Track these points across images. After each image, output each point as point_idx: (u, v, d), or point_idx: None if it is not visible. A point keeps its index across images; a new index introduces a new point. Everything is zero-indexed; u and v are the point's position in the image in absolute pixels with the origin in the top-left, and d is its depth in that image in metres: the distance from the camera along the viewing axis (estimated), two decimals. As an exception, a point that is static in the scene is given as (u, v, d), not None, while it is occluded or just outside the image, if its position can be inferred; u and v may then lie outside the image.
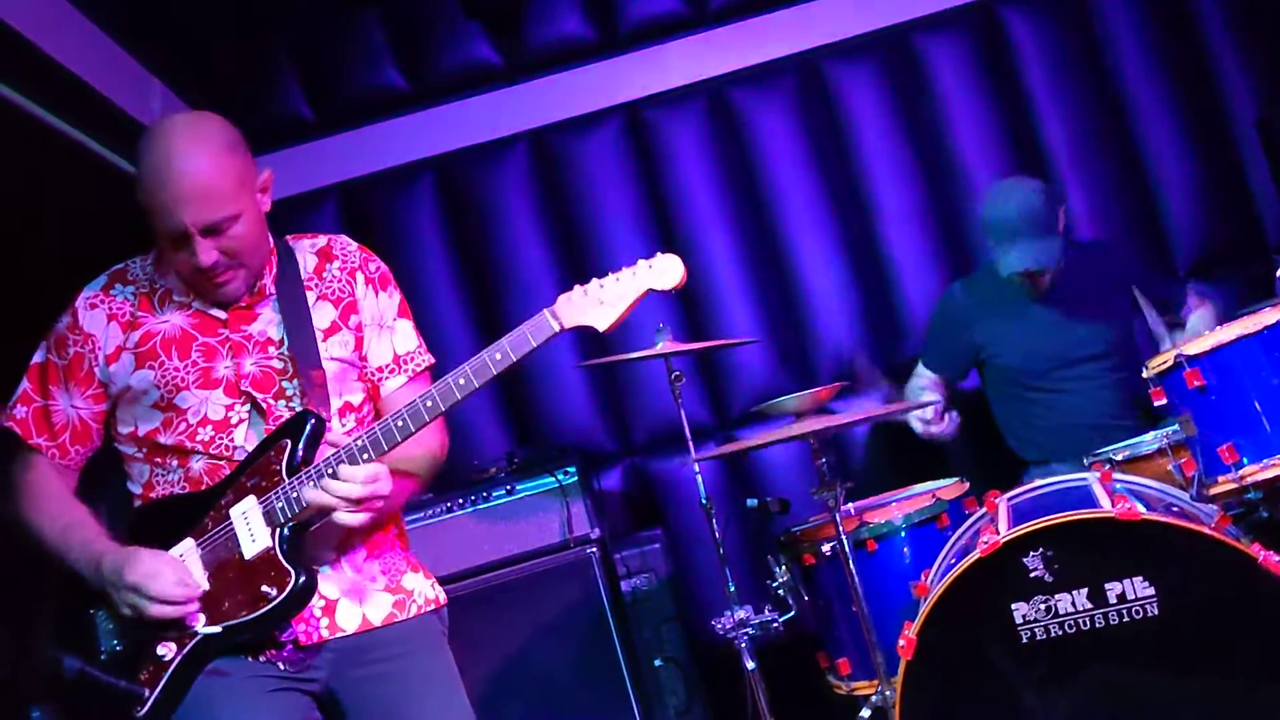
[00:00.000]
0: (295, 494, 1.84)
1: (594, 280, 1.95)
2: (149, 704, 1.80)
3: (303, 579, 1.82)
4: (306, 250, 2.09)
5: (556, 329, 1.92)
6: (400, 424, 1.87)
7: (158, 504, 1.93)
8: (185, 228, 1.84)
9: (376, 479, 1.84)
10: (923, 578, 2.61)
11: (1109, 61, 3.94)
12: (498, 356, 1.88)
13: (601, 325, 1.94)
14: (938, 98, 3.97)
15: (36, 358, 2.00)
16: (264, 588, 1.82)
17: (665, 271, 1.97)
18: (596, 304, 1.94)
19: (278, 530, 1.84)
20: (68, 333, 1.97)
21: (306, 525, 1.88)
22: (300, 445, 1.86)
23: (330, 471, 1.83)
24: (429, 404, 1.87)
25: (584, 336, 3.92)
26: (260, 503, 1.86)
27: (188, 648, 1.83)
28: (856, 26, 4.00)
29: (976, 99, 3.95)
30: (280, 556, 1.83)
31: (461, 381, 1.87)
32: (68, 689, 1.81)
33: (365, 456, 1.85)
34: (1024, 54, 3.95)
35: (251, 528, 1.85)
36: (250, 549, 1.85)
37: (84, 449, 1.99)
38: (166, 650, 1.83)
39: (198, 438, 1.92)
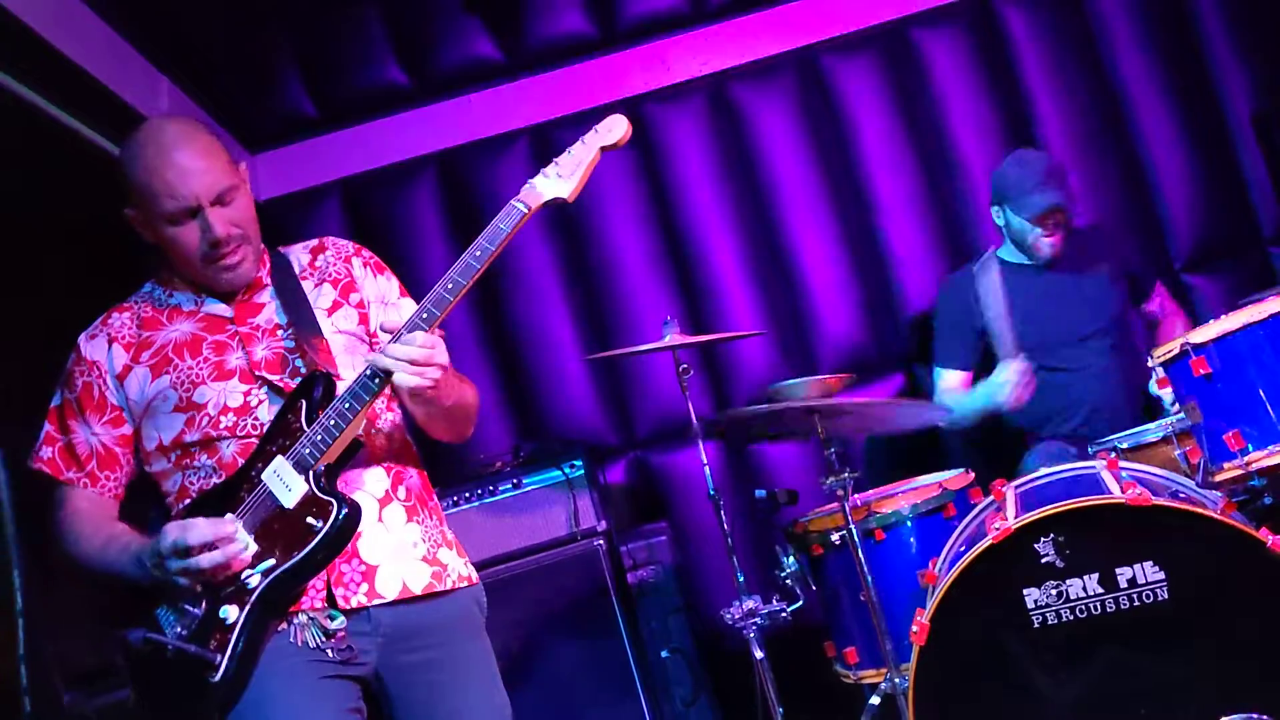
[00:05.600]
0: (320, 436, 1.87)
1: (549, 164, 2.05)
2: (222, 669, 1.81)
3: (345, 508, 1.85)
4: (298, 251, 2.18)
5: (525, 210, 2.00)
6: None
7: (192, 503, 1.94)
8: (196, 200, 1.92)
9: (434, 346, 1.89)
10: (930, 566, 2.63)
11: (1105, 55, 3.98)
12: (478, 253, 1.95)
13: (566, 193, 2.03)
14: (935, 91, 4.00)
15: (53, 401, 2.04)
16: (309, 520, 1.84)
17: (612, 129, 2.06)
18: (556, 179, 2.03)
19: (310, 473, 1.87)
20: (74, 368, 2.02)
21: (337, 466, 1.91)
22: (316, 399, 1.91)
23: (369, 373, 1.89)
24: (425, 316, 1.90)
25: (589, 332, 3.95)
26: (288, 457, 1.89)
27: (250, 603, 1.83)
28: (855, 21, 4.04)
29: (974, 92, 3.99)
30: (319, 493, 1.86)
31: (450, 286, 1.92)
32: (138, 661, 1.82)
33: (377, 381, 1.90)
34: (1021, 47, 3.99)
35: (286, 481, 1.88)
36: (289, 499, 1.87)
37: (114, 475, 2.01)
38: (230, 612, 1.83)
39: (222, 425, 1.95)
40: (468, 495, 3.36)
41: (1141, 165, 3.96)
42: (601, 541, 3.29)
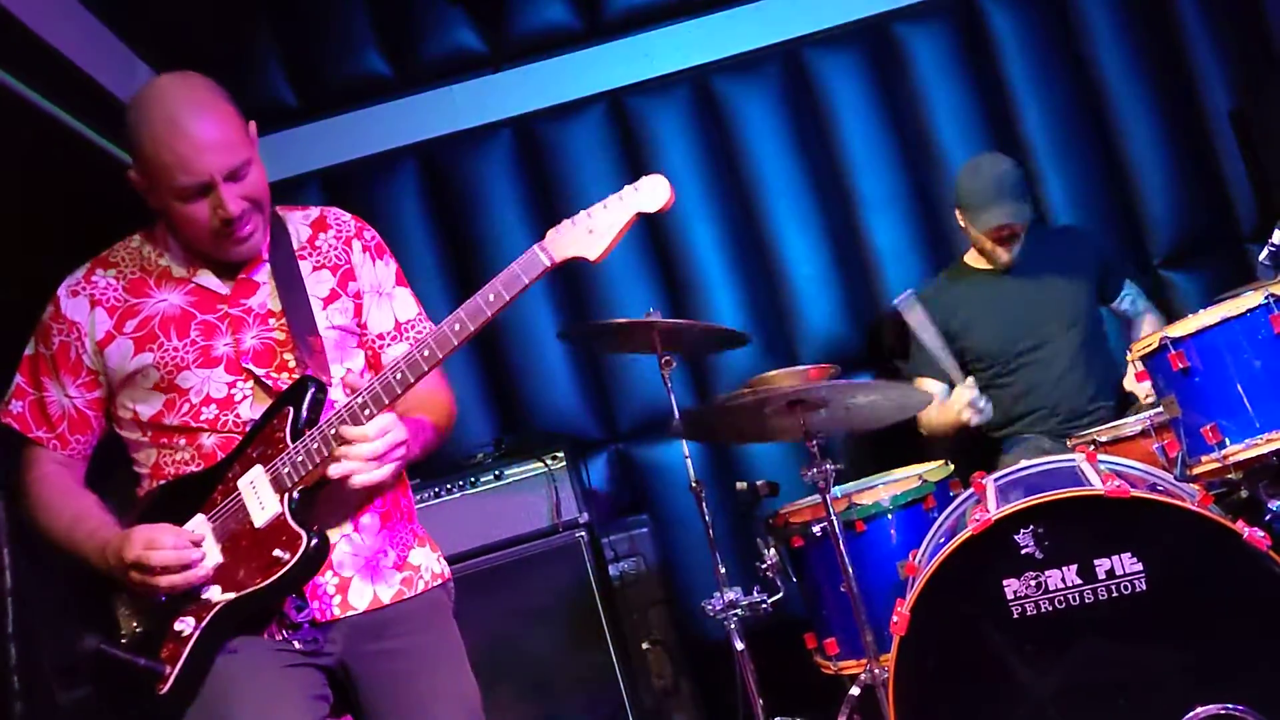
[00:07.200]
0: (301, 457, 1.82)
1: (582, 211, 1.91)
2: (171, 681, 1.78)
3: (314, 541, 1.80)
4: (299, 221, 2.07)
5: (547, 263, 1.88)
6: (399, 377, 1.83)
7: (167, 487, 1.91)
8: (210, 177, 1.82)
9: (387, 429, 1.82)
10: (910, 558, 2.65)
11: (1086, 52, 4.00)
12: (491, 298, 1.85)
13: (592, 255, 1.90)
14: (918, 87, 4.01)
15: (27, 350, 1.97)
16: (276, 552, 1.80)
17: (652, 193, 1.92)
18: (586, 234, 1.89)
19: (286, 495, 1.82)
20: (51, 322, 1.93)
21: (316, 488, 1.86)
22: (303, 409, 1.84)
23: (334, 432, 1.80)
24: (426, 353, 1.83)
25: (572, 323, 3.94)
26: (267, 470, 1.83)
27: (206, 620, 1.81)
28: (838, 16, 4.03)
29: (956, 88, 4.00)
30: (290, 521, 1.81)
31: (457, 327, 1.84)
32: (87, 669, 1.80)
33: (367, 413, 1.82)
34: (1003, 44, 4.01)
35: (260, 496, 1.83)
36: (260, 517, 1.83)
37: (85, 438, 1.96)
38: (185, 625, 1.81)
39: (202, 417, 1.90)
40: (449, 487, 3.35)
41: (1122, 162, 3.98)
42: (583, 533, 3.29)
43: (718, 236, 3.98)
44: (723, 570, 2.93)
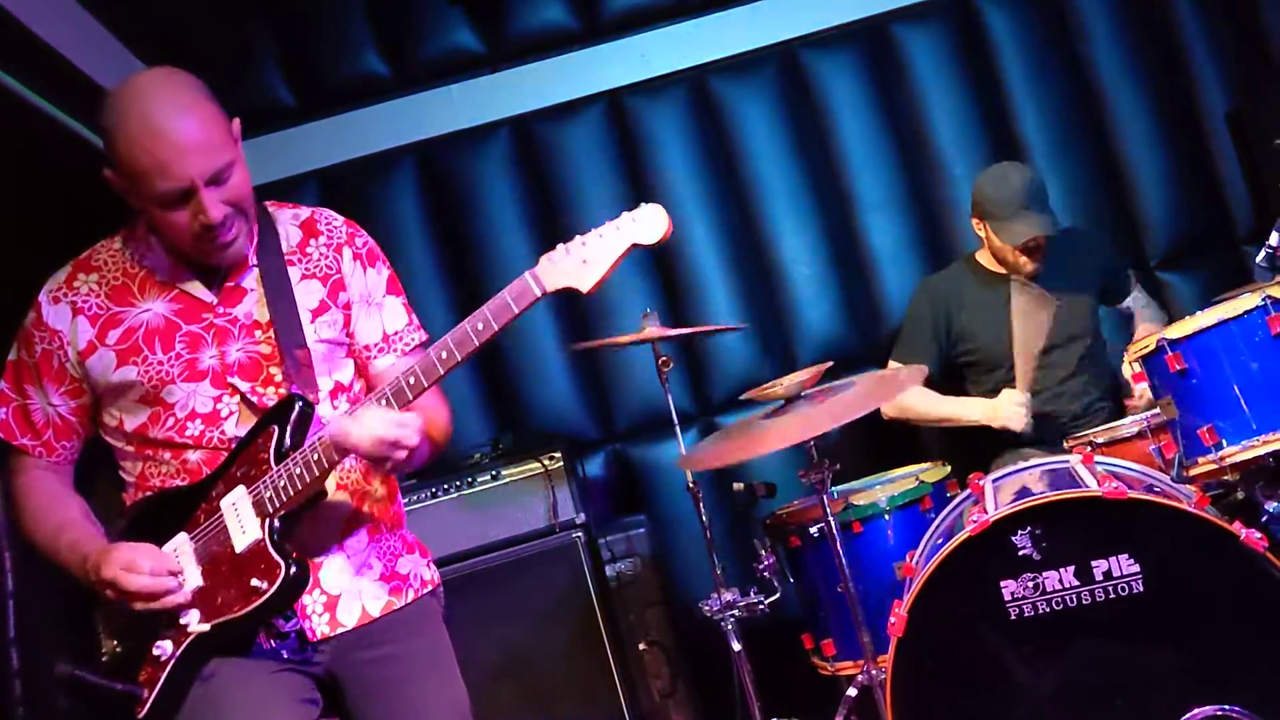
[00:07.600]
0: (283, 482, 1.78)
1: (576, 238, 1.85)
2: (149, 704, 1.77)
3: (293, 570, 1.77)
4: (288, 221, 2.00)
5: (538, 293, 1.83)
6: (383, 404, 1.80)
7: (151, 500, 1.89)
8: (191, 182, 1.74)
9: (405, 424, 1.77)
10: (908, 559, 2.65)
11: (1084, 53, 4.00)
12: (479, 326, 1.80)
13: (584, 286, 1.85)
14: (915, 88, 4.01)
15: (10, 355, 1.93)
16: (254, 581, 1.77)
17: (649, 223, 1.85)
18: (579, 263, 1.84)
19: (267, 520, 1.79)
20: (33, 329, 1.88)
21: (297, 513, 1.83)
22: (288, 430, 1.81)
23: (315, 456, 1.78)
24: (411, 381, 1.78)
25: (569, 324, 3.94)
26: (249, 492, 1.81)
27: (184, 646, 1.80)
28: (836, 17, 4.04)
29: (953, 89, 4.00)
30: (270, 548, 1.78)
31: (444, 355, 1.79)
32: (63, 693, 1.76)
33: None
34: (1000, 45, 4.01)
35: (241, 519, 1.80)
36: (241, 541, 1.80)
37: (70, 444, 1.93)
38: (162, 650, 1.79)
39: (187, 432, 1.86)
40: (445, 487, 3.35)
41: (1118, 163, 3.99)
42: (580, 534, 3.29)
43: (715, 237, 3.97)
44: (720, 571, 2.93)
